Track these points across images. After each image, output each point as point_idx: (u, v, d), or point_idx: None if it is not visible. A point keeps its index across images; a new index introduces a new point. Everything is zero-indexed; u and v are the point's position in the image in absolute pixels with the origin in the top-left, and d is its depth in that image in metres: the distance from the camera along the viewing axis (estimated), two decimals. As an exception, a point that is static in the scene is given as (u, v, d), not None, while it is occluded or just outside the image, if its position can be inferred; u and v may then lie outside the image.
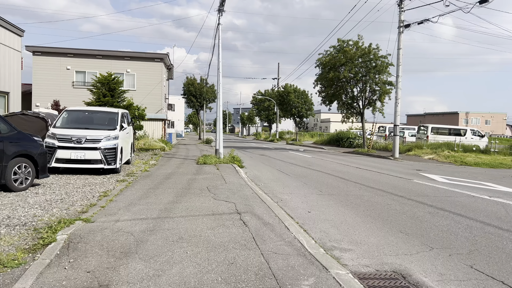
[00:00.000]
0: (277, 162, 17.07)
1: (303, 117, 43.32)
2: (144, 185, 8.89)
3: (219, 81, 15.89)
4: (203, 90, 43.65)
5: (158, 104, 30.02)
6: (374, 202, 7.79)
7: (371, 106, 25.32)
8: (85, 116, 11.81)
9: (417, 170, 15.12)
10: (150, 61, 30.47)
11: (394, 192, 9.13)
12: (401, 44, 22.01)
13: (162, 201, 7.08)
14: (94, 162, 10.29)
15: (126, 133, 12.33)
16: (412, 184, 10.69)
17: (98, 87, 20.43)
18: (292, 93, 41.54)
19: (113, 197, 7.29)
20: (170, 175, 10.85)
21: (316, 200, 7.90)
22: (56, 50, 29.38)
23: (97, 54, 29.83)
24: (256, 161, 17.20)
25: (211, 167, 13.05)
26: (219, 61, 15.94)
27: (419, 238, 5.32)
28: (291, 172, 13.01)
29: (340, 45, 25.52)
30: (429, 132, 27.93)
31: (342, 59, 24.53)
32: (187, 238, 4.82)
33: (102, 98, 19.92)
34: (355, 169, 14.42)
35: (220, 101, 15.85)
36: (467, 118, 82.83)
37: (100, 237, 4.74)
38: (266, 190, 8.99)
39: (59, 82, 29.07)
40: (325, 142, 38.98)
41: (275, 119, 55.77)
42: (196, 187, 8.66)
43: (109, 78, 20.57)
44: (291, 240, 4.86)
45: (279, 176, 11.95)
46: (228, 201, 7.21)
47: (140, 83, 29.63)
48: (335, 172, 13.14)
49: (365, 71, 24.51)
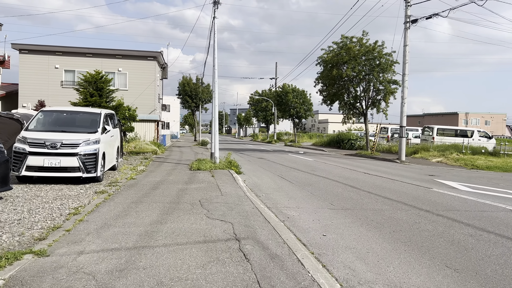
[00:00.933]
0: (278, 166, 15.81)
1: (302, 117, 42.07)
2: (126, 197, 7.60)
3: (215, 79, 14.61)
4: (199, 90, 42.31)
5: (151, 104, 28.71)
6: (398, 220, 6.54)
7: (374, 107, 24.09)
8: (63, 117, 10.48)
9: (430, 175, 13.91)
10: (143, 60, 29.14)
11: (417, 205, 7.88)
12: (407, 41, 20.83)
13: (144, 220, 5.80)
14: (71, 170, 8.98)
15: (110, 136, 11.03)
16: (433, 194, 9.46)
17: (85, 86, 19.10)
18: (290, 93, 40.28)
19: (85, 215, 6.00)
20: (158, 184, 9.55)
21: (330, 217, 6.64)
22: (43, 48, 27.97)
23: (87, 52, 28.47)
24: (254, 166, 15.93)
25: (205, 173, 11.76)
26: (215, 57, 14.68)
27: (474, 277, 4.07)
28: (294, 179, 11.75)
29: (343, 42, 24.29)
30: (434, 134, 26.78)
31: (345, 56, 23.30)
32: (169, 284, 3.54)
33: (89, 98, 18.60)
34: (364, 175, 13.18)
35: (216, 101, 14.58)
36: (467, 118, 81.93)
37: (50, 283, 3.46)
38: (269, 203, 7.73)
39: (47, 82, 27.69)
40: (325, 144, 37.77)
41: (273, 120, 54.51)
42: (186, 201, 7.38)
43: (96, 76, 19.25)
44: (309, 284, 3.60)
45: (282, 184, 10.68)
46: (225, 220, 5.94)
47: (132, 83, 28.31)
48: (343, 179, 11.89)
49: (368, 69, 23.30)
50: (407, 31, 20.81)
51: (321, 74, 26.00)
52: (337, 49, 24.44)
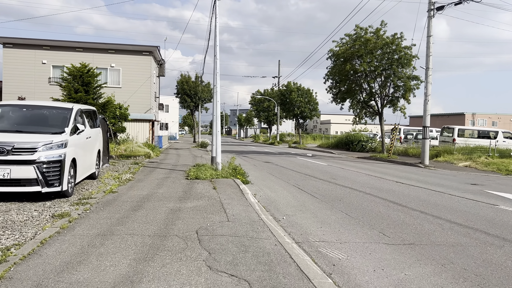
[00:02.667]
0: (290, 173, 13.54)
1: (307, 118, 39.75)
2: (93, 225, 5.33)
3: (216, 70, 12.33)
4: (198, 89, 40.03)
5: (146, 103, 26.43)
6: (505, 267, 4.27)
7: (392, 105, 21.82)
8: (22, 114, 8.19)
9: (473, 184, 11.64)
10: (138, 55, 26.84)
11: (506, 235, 5.61)
12: (431, 31, 18.58)
13: (106, 277, 3.53)
14: (25, 183, 6.71)
15: (86, 137, 8.77)
16: (507, 214, 7.19)
17: (69, 81, 16.85)
18: (295, 91, 37.96)
19: (8, 268, 3.72)
20: (143, 200, 7.27)
21: (396, 263, 4.36)
22: (30, 42, 25.68)
23: (77, 46, 26.18)
24: (263, 172, 13.66)
25: (205, 184, 9.48)
26: (216, 44, 12.41)
27: None
28: (315, 190, 9.48)
29: (357, 33, 22.03)
30: (455, 135, 24.51)
31: (361, 49, 21.02)
32: None
33: (74, 94, 16.34)
34: (398, 185, 10.91)
35: (218, 96, 12.30)
36: (474, 119, 79.71)
37: None
38: (296, 233, 5.46)
39: (33, 78, 25.40)
40: (332, 146, 35.48)
41: (275, 120, 52.26)
42: (178, 233, 5.11)
43: (82, 70, 17.00)
44: None
45: (303, 198, 8.41)
46: (237, 274, 3.67)
47: (126, 79, 26.04)
48: (376, 191, 9.61)
49: (386, 63, 21.03)
50: (431, 19, 18.57)
51: (331, 70, 23.73)
52: (350, 42, 22.17)
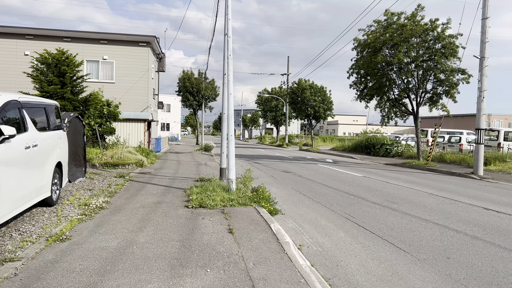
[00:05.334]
0: (324, 190, 10.18)
1: (320, 118, 36.34)
2: None
3: (228, 52, 8.98)
4: (201, 86, 36.67)
5: (143, 100, 23.10)
6: None
7: (432, 103, 18.38)
8: None
9: None
10: (134, 46, 23.53)
11: None
12: (487, 12, 15.18)
13: None
14: None
15: (25, 146, 5.47)
16: None
17: (41, 71, 13.61)
18: (307, 89, 34.59)
19: None
20: (104, 270, 3.93)
21: None
22: (9, 31, 22.44)
23: (64, 36, 22.87)
24: (288, 189, 10.31)
25: (215, 220, 6.11)
26: (228, 18, 9.07)
27: None
28: (386, 230, 6.11)
29: (389, 20, 18.66)
30: (501, 138, 21.09)
31: (395, 37, 17.63)
32: None
33: (46, 87, 13.08)
34: (495, 215, 7.50)
35: (230, 87, 8.95)
36: (489, 120, 76.18)
37: None
38: None
39: (14, 71, 22.12)
40: (349, 149, 32.03)
41: (284, 120, 48.87)
42: None
43: (59, 57, 13.72)
44: None
45: (382, 253, 5.04)
46: None
47: (121, 74, 22.77)
48: (480, 230, 6.23)
49: (426, 53, 17.62)
50: (487, -2, 15.18)
51: (357, 62, 20.36)
52: (380, 29, 18.78)
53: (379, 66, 18.83)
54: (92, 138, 15.66)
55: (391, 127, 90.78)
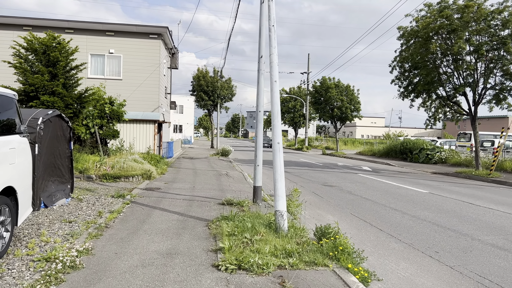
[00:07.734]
0: (399, 217, 7.27)
1: (347, 119, 33.29)
2: None
3: (271, 22, 6.17)
4: (217, 85, 33.97)
5: (153, 99, 20.43)
6: None
7: (497, 101, 15.25)
8: None
9: None
10: (144, 38, 20.88)
11: None
12: None
13: None
14: None
15: None
16: None
17: (26, 59, 11.01)
18: (333, 88, 31.61)
19: None
20: None
21: None
22: (6, 21, 20.06)
23: (66, 27, 20.36)
24: (347, 216, 7.43)
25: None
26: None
27: None
28: None
29: (443, 2, 15.65)
30: None
31: (453, 21, 14.60)
32: None
33: (32, 79, 10.45)
34: None
35: (275, 69, 6.11)
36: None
37: None
38: None
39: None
40: (379, 154, 28.92)
41: (302, 122, 45.93)
42: None
43: (48, 42, 11.10)
44: None
45: None
46: None
47: (129, 69, 20.17)
48: None
49: (493, 40, 14.55)
50: None
51: (401, 54, 17.36)
52: (433, 13, 15.75)
53: (429, 57, 15.82)
54: (91, 143, 13.01)
55: (411, 129, 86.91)
